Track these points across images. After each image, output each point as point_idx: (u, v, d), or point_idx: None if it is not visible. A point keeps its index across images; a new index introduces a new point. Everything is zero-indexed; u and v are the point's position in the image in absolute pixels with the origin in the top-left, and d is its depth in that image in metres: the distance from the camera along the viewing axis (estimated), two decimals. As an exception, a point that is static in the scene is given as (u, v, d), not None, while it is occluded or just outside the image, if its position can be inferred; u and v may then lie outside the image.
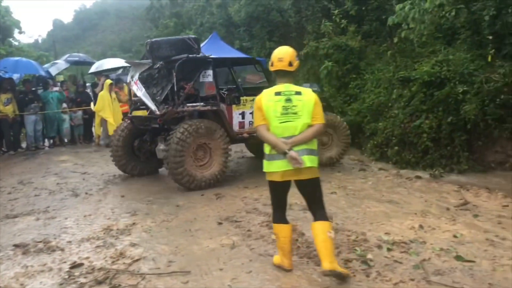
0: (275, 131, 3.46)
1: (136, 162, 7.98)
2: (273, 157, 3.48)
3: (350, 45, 15.73)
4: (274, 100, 3.49)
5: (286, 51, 3.57)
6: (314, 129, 3.47)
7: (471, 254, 3.93)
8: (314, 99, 3.53)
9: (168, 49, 7.23)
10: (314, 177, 3.55)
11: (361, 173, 7.70)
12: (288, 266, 3.71)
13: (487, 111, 10.11)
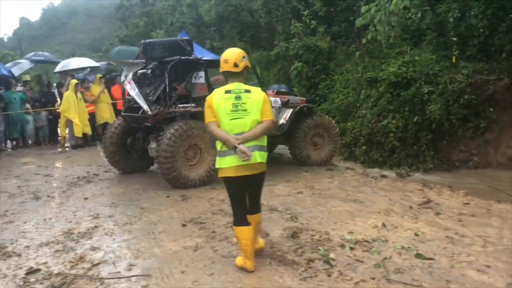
0: (226, 127, 3.58)
1: (129, 159, 8.06)
2: (224, 153, 3.60)
3: (320, 45, 15.86)
4: (224, 98, 3.61)
5: (232, 53, 3.72)
6: (264, 125, 3.61)
7: (431, 252, 3.99)
8: (263, 97, 3.66)
9: (162, 50, 7.34)
10: (262, 172, 3.74)
11: (328, 173, 7.74)
12: (250, 267, 3.72)
13: (452, 111, 10.35)
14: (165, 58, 7.27)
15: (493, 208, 5.56)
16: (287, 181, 7.05)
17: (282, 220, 5.02)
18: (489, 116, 10.34)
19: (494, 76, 10.39)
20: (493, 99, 10.38)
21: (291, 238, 4.41)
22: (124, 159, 8.04)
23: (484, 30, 10.77)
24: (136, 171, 8.12)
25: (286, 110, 8.07)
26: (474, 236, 4.42)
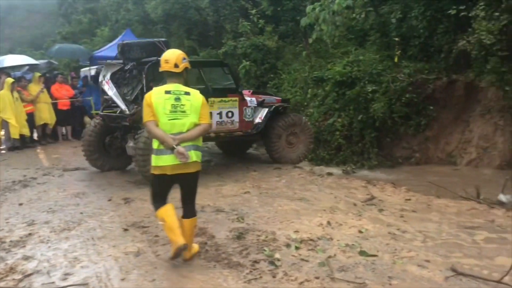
0: (164, 127, 3.63)
1: (107, 158, 8.07)
2: (161, 152, 3.65)
3: (268, 45, 15.90)
4: (164, 98, 3.67)
5: (173, 53, 3.80)
6: (201, 128, 3.72)
7: (374, 249, 4.05)
8: (202, 101, 3.77)
9: (139, 51, 7.44)
10: (197, 171, 3.82)
11: (276, 172, 7.73)
12: (182, 241, 3.65)
13: (394, 109, 10.69)
14: (143, 58, 7.34)
15: (433, 203, 5.76)
16: (235, 181, 6.98)
17: (229, 221, 4.93)
18: (429, 114, 10.77)
19: (433, 75, 10.83)
20: (433, 97, 10.82)
21: (237, 239, 4.34)
22: (102, 158, 8.04)
23: (424, 31, 11.20)
24: (114, 170, 8.11)
25: (262, 109, 8.22)
26: (415, 232, 4.54)
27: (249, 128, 8.08)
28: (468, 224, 4.77)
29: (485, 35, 8.06)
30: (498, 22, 7.75)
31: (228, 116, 7.75)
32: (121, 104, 7.15)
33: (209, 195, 6.06)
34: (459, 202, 5.90)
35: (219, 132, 7.74)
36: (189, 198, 3.89)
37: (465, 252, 3.95)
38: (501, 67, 8.17)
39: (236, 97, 7.86)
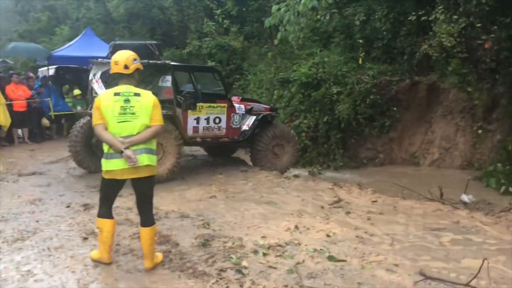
0: (113, 130, 3.53)
1: (93, 158, 7.83)
2: (111, 156, 3.54)
3: (233, 45, 15.78)
4: (113, 100, 3.57)
5: (122, 55, 3.68)
6: (152, 129, 3.58)
7: (342, 253, 3.99)
8: (153, 101, 3.62)
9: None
10: (151, 175, 3.67)
11: (242, 175, 7.60)
12: (107, 260, 3.76)
13: (359, 111, 10.79)
14: None
15: (399, 205, 5.78)
16: (199, 185, 6.80)
17: (194, 227, 4.76)
18: (393, 115, 10.93)
19: (397, 77, 11.01)
20: (396, 99, 10.99)
21: (203, 246, 4.18)
22: (89, 158, 7.89)
23: (387, 33, 11.35)
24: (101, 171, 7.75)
25: (250, 117, 8.20)
26: (383, 235, 4.52)
27: (235, 135, 8.07)
28: (434, 226, 4.79)
29: (446, 38, 8.22)
30: (457, 25, 7.91)
31: (215, 122, 7.76)
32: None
33: (173, 200, 5.87)
34: (424, 203, 5.96)
35: (205, 137, 7.73)
36: (145, 205, 3.73)
37: (433, 255, 3.94)
38: (462, 69, 8.36)
39: (224, 104, 7.85)
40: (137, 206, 3.81)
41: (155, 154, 3.67)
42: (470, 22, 7.64)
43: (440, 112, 10.73)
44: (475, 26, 7.68)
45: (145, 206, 3.74)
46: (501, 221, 5.06)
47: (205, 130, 7.68)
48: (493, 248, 4.08)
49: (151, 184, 3.73)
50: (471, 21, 7.64)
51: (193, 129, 7.59)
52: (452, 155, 10.23)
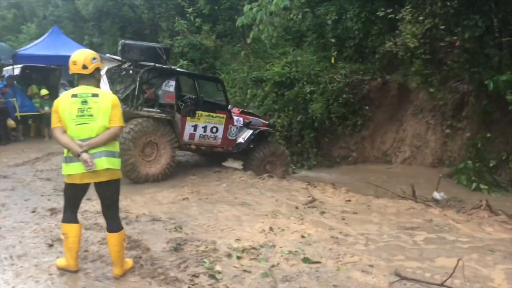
0: (72, 133, 3.40)
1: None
2: (71, 160, 3.41)
3: (205, 44, 15.64)
4: (70, 102, 3.41)
5: (80, 54, 3.53)
6: (111, 131, 3.44)
7: (317, 255, 3.93)
8: (112, 102, 3.47)
9: (139, 53, 7.54)
10: (113, 179, 3.51)
11: (216, 175, 7.50)
12: (74, 267, 3.61)
13: (332, 110, 10.82)
14: (141, 61, 7.49)
15: (373, 204, 5.79)
16: (172, 186, 6.66)
17: (166, 231, 4.63)
18: (365, 114, 11.01)
19: (368, 76, 11.09)
20: (368, 97, 11.07)
21: (175, 251, 4.05)
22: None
23: (359, 32, 11.43)
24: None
25: (247, 130, 8.27)
26: (357, 235, 4.50)
27: (230, 146, 8.13)
28: (408, 225, 4.81)
29: (410, 38, 8.30)
30: (422, 26, 7.99)
31: (212, 131, 7.83)
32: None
33: (144, 203, 5.72)
34: (397, 202, 5.99)
35: (200, 145, 7.78)
36: (110, 210, 3.56)
37: (407, 255, 3.94)
38: (425, 70, 8.46)
39: (224, 114, 7.93)
40: (102, 212, 3.66)
41: (117, 157, 3.51)
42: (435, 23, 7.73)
43: (411, 110, 10.88)
44: (439, 28, 7.77)
45: (110, 211, 3.58)
46: (472, 218, 5.13)
47: (201, 138, 7.75)
48: (466, 246, 4.11)
49: (115, 189, 3.55)
50: (436, 22, 7.73)
51: (190, 136, 7.64)
52: (423, 153, 10.38)
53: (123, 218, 5.01)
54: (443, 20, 7.76)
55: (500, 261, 3.73)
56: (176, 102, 7.47)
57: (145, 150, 7.16)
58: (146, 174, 7.02)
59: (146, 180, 6.98)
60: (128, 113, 6.95)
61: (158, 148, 7.21)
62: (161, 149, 7.22)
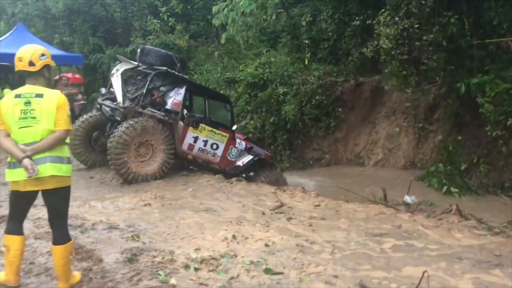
0: (16, 137, 3.12)
1: (91, 153, 8.22)
2: (14, 165, 3.13)
3: (178, 44, 15.33)
4: (13, 103, 3.12)
5: (27, 50, 3.24)
6: (55, 136, 3.15)
7: (280, 265, 3.73)
8: (57, 103, 3.17)
9: (155, 58, 7.96)
10: (61, 187, 3.21)
11: (183, 179, 7.24)
12: (15, 283, 3.27)
13: (305, 111, 10.68)
14: (156, 66, 7.81)
15: (342, 209, 5.63)
16: (135, 191, 6.38)
17: (122, 240, 4.35)
18: (338, 116, 10.91)
19: (342, 78, 11.00)
20: (342, 99, 10.98)
21: (128, 262, 3.78)
22: (86, 153, 8.16)
23: (333, 34, 11.34)
24: (96, 166, 8.16)
25: (247, 155, 8.32)
26: (324, 242, 4.31)
27: (228, 167, 8.13)
28: (376, 231, 4.65)
29: (383, 41, 8.20)
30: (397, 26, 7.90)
31: (212, 147, 7.88)
32: (120, 96, 7.39)
33: (103, 208, 5.42)
34: (367, 206, 5.85)
35: (197, 158, 7.82)
36: (56, 221, 3.25)
37: (374, 264, 3.77)
38: (402, 71, 8.38)
39: (227, 134, 8.02)
40: (48, 221, 3.35)
41: (66, 162, 3.21)
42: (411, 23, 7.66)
43: (384, 112, 10.84)
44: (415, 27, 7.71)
45: (57, 221, 3.26)
46: (442, 223, 5.01)
47: (200, 151, 7.78)
48: (434, 254, 3.97)
49: (62, 197, 3.25)
50: (411, 21, 7.66)
51: (189, 146, 7.68)
52: (395, 155, 10.34)
53: (79, 226, 4.75)
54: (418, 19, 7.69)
55: (468, 270, 3.59)
56: (181, 110, 7.63)
57: (140, 149, 7.20)
58: (135, 173, 7.03)
59: (134, 179, 7.00)
60: (131, 109, 7.22)
61: (153, 150, 7.26)
62: (156, 152, 7.27)
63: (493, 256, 3.90)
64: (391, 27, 7.81)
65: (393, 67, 8.11)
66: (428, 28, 7.70)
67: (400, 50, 7.80)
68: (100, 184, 7.00)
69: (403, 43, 7.85)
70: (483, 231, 4.80)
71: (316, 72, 11.02)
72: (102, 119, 8.14)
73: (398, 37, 7.77)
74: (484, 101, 7.51)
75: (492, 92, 7.45)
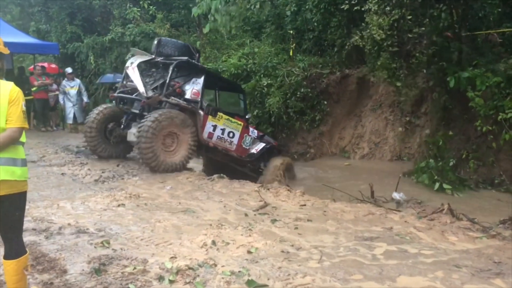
0: None
1: (107, 145, 8.27)
2: None
3: (159, 33, 14.83)
4: None
5: None
6: (7, 135, 2.70)
7: (264, 275, 3.39)
8: (9, 97, 2.72)
9: (173, 49, 8.09)
10: (14, 193, 2.75)
11: (161, 176, 6.85)
12: None
13: (289, 104, 10.36)
14: (173, 56, 7.92)
15: (329, 209, 5.33)
16: (109, 189, 5.97)
17: (90, 246, 3.96)
18: (323, 109, 10.61)
19: (327, 69, 10.68)
20: (327, 92, 10.67)
21: (96, 274, 3.40)
22: (102, 145, 8.21)
23: (318, 25, 11.00)
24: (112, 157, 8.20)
25: (260, 143, 8.71)
26: (311, 248, 3.99)
27: (243, 154, 8.47)
28: (366, 235, 4.35)
29: (376, 30, 7.91)
30: (389, 17, 7.62)
31: (229, 135, 8.16)
32: (141, 87, 7.44)
33: (72, 209, 5.01)
34: (355, 206, 5.56)
35: (216, 146, 8.06)
36: (9, 231, 2.80)
37: (365, 273, 3.46)
38: (392, 63, 8.10)
39: (241, 122, 8.31)
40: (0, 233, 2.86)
41: (20, 165, 2.77)
42: (402, 13, 7.36)
43: (370, 106, 10.57)
44: (407, 19, 7.41)
45: (10, 232, 2.80)
46: (434, 225, 4.74)
47: (218, 140, 8.05)
48: (429, 261, 3.68)
49: (16, 204, 2.79)
50: (403, 13, 7.35)
51: (208, 134, 7.92)
52: (381, 149, 10.09)
53: (44, 230, 4.35)
54: (410, 10, 7.40)
55: (468, 280, 3.31)
56: (201, 99, 7.81)
57: (166, 140, 7.27)
58: (165, 163, 7.11)
59: (165, 169, 7.07)
60: (156, 99, 7.34)
61: (178, 139, 7.37)
62: (181, 141, 7.38)
63: (492, 264, 3.64)
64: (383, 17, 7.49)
65: (384, 60, 7.80)
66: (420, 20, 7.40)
67: (391, 42, 7.49)
68: (72, 181, 6.54)
69: (392, 34, 7.55)
70: (477, 233, 4.54)
71: (301, 64, 10.69)
72: (117, 111, 8.24)
73: (388, 28, 7.45)
74: (475, 95, 7.27)
75: (482, 86, 7.20)
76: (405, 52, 7.82)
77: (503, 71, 7.36)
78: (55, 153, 8.91)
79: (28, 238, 4.07)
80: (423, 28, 7.43)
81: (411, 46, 7.65)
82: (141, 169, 7.27)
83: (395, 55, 7.88)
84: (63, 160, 8.16)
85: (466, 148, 7.87)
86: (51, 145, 9.83)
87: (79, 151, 9.07)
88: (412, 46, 7.67)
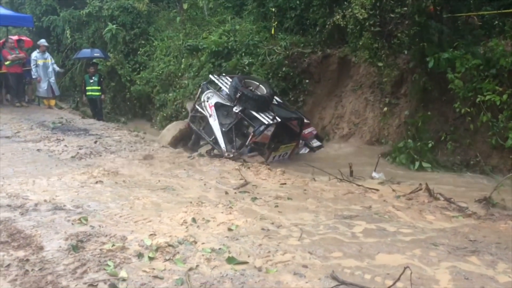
0: None
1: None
2: None
3: (138, 7, 14.50)
4: None
5: None
6: None
7: (244, 253, 3.39)
8: None
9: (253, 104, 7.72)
10: None
11: (140, 153, 6.74)
12: None
13: (272, 84, 10.26)
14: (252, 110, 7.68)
15: (309, 187, 5.35)
16: (85, 166, 5.85)
17: (68, 223, 3.88)
18: (305, 88, 10.57)
19: (309, 49, 10.60)
20: (308, 71, 10.61)
21: (73, 251, 3.33)
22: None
23: (300, 3, 10.87)
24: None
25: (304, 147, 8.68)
26: (291, 225, 4.01)
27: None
28: (346, 213, 4.39)
29: (358, 10, 7.85)
30: (371, -5, 7.55)
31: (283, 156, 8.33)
32: (222, 142, 7.49)
33: (48, 186, 4.90)
34: (335, 185, 5.60)
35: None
36: None
37: (345, 251, 3.49)
38: (374, 43, 8.07)
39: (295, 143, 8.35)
40: None
41: None
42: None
43: (350, 86, 10.56)
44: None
45: None
46: (413, 204, 4.81)
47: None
48: (408, 239, 3.74)
49: None
50: (386, -9, 7.32)
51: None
52: (361, 130, 10.14)
53: (19, 206, 4.25)
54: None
55: (444, 258, 3.38)
56: (269, 145, 7.82)
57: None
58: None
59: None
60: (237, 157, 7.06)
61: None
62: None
63: (468, 242, 3.72)
64: (365, -5, 7.43)
65: (365, 39, 7.77)
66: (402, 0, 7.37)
67: (373, 21, 7.46)
68: (48, 157, 6.39)
69: (375, 14, 7.51)
70: (454, 212, 4.63)
71: (283, 42, 10.58)
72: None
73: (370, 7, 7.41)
74: (454, 76, 7.33)
75: (462, 68, 7.26)
76: (387, 32, 7.79)
77: (483, 53, 7.42)
78: (30, 128, 8.68)
79: (3, 214, 3.98)
80: (405, 8, 7.40)
81: (393, 26, 7.62)
82: (118, 145, 7.14)
83: (377, 35, 7.86)
84: (39, 136, 7.95)
85: (444, 130, 7.97)
86: (26, 121, 9.57)
87: (55, 127, 8.85)
88: (394, 26, 7.64)
